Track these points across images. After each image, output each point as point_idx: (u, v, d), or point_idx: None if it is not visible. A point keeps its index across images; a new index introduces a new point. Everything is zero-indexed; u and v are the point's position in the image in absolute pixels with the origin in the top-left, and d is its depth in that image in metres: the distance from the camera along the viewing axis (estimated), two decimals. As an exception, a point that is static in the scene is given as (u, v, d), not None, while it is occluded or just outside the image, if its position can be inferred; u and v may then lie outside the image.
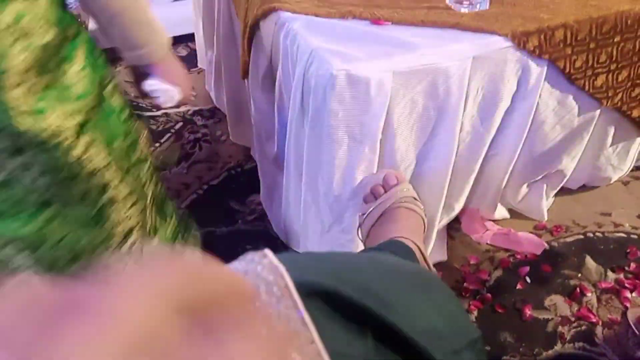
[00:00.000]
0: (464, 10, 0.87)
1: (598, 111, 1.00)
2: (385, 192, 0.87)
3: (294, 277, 0.31)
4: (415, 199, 0.88)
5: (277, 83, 0.95)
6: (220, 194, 1.27)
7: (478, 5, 0.87)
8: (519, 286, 1.05)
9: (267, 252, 0.33)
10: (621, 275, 1.06)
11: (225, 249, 1.14)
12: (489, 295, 1.04)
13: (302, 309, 0.31)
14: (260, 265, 0.32)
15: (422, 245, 0.78)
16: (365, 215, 0.86)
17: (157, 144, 1.41)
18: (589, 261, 1.09)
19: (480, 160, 0.99)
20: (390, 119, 0.82)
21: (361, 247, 0.91)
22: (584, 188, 1.23)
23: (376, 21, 0.84)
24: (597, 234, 1.15)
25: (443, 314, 0.43)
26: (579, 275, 1.07)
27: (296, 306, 0.31)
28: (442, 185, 0.96)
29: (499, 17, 0.85)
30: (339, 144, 0.82)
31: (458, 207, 1.08)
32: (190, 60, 1.73)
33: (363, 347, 0.36)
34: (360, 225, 0.87)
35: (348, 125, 0.80)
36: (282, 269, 0.32)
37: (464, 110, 0.88)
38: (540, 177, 1.10)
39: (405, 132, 0.86)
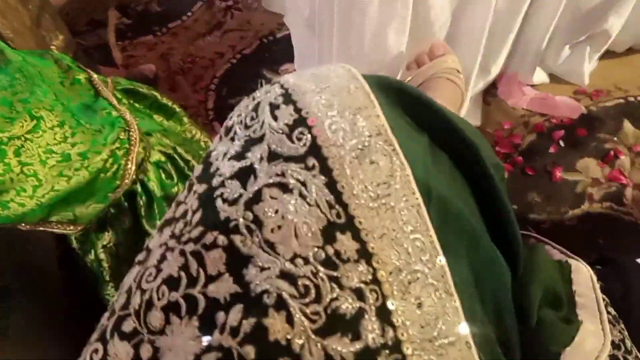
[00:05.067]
0: None
1: (654, -39, 0.92)
2: (430, 61, 0.85)
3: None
4: (458, 71, 0.86)
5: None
6: (253, 63, 1.28)
7: None
8: (551, 150, 1.05)
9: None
10: (659, 139, 1.04)
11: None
12: (520, 158, 1.05)
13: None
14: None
15: None
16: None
17: (190, 13, 1.40)
18: (627, 125, 1.07)
19: (520, 19, 0.94)
20: (424, -28, 0.79)
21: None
22: (630, 51, 1.17)
23: None
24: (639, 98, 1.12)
25: (483, 141, 0.46)
26: (615, 139, 1.06)
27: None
28: (478, 45, 0.93)
29: None
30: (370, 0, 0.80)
31: (495, 70, 1.05)
32: None
33: (421, 141, 0.41)
34: (399, 92, 0.87)
35: (380, -21, 0.77)
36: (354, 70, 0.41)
37: (505, -38, 0.83)
38: (583, 37, 1.04)
39: (440, -14, 0.82)
